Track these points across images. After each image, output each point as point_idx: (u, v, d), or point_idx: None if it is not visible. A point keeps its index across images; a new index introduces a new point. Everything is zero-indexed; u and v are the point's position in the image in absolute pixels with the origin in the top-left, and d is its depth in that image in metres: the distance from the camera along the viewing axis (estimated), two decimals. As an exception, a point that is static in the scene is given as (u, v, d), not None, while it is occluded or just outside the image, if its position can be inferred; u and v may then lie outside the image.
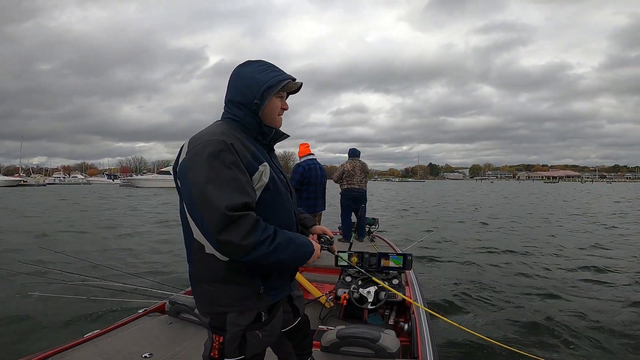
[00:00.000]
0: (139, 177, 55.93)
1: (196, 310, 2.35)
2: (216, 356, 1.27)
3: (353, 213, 5.62)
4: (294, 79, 1.36)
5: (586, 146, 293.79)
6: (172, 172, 1.33)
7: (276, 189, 1.30)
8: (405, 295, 2.81)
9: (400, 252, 3.35)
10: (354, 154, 5.87)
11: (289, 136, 1.45)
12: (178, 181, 1.25)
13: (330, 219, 7.81)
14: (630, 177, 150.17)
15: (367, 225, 5.62)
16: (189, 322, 2.37)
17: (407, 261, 2.93)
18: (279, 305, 1.38)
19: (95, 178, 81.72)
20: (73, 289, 3.61)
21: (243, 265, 1.21)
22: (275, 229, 1.20)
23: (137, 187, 45.56)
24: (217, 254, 1.18)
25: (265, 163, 1.27)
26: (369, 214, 5.86)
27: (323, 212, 4.91)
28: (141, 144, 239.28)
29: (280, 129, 1.40)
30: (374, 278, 2.63)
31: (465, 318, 3.93)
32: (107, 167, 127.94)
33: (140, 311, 2.54)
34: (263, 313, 1.29)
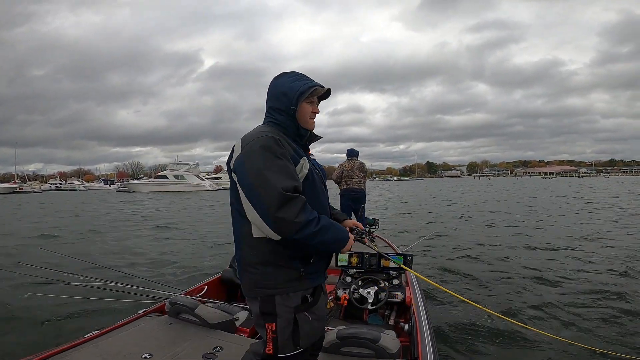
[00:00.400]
0: (136, 181, 55.84)
1: (197, 311, 2.37)
2: (271, 352, 1.35)
3: (353, 213, 5.62)
4: (322, 86, 1.52)
5: (581, 141, 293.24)
6: (226, 167, 1.51)
7: (314, 181, 1.47)
8: (405, 296, 2.82)
9: (401, 252, 3.36)
10: (352, 154, 5.87)
11: (321, 137, 1.61)
12: (234, 174, 1.40)
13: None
14: (626, 171, 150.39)
15: (367, 226, 5.61)
16: (189, 322, 2.37)
17: (407, 261, 2.94)
18: (320, 289, 1.49)
19: (92, 184, 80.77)
20: (73, 289, 3.61)
21: (287, 249, 1.36)
22: (318, 214, 1.35)
23: (133, 192, 45.26)
24: (271, 233, 1.29)
25: (305, 157, 1.46)
26: (368, 214, 5.85)
27: None
28: (138, 149, 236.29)
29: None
30: (390, 255, 2.65)
31: (467, 315, 3.93)
32: (104, 173, 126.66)
33: (140, 311, 2.53)
34: (308, 295, 1.41)
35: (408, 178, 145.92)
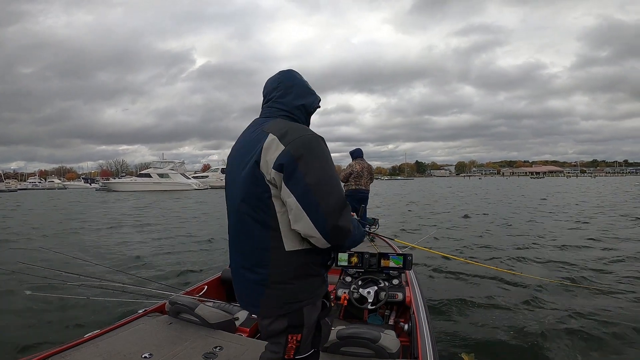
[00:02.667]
0: (117, 180, 53.80)
1: (197, 311, 2.36)
2: (291, 356, 1.27)
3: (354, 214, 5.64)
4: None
5: (563, 142, 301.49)
6: (252, 165, 1.24)
7: None
8: (405, 295, 2.84)
9: (400, 252, 3.38)
10: (359, 155, 5.91)
11: None
12: (276, 173, 1.17)
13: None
14: (609, 172, 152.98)
15: (367, 226, 5.62)
16: (189, 322, 2.36)
17: (407, 261, 2.95)
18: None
19: (72, 182, 78.90)
20: (73, 289, 3.55)
21: (317, 257, 1.29)
22: None
23: (114, 191, 43.61)
24: (321, 242, 1.18)
25: None
26: (369, 214, 5.87)
27: None
28: (125, 147, 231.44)
29: None
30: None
31: (466, 315, 3.97)
32: (87, 171, 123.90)
33: (140, 311, 2.51)
34: (325, 300, 1.37)
35: (399, 177, 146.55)
